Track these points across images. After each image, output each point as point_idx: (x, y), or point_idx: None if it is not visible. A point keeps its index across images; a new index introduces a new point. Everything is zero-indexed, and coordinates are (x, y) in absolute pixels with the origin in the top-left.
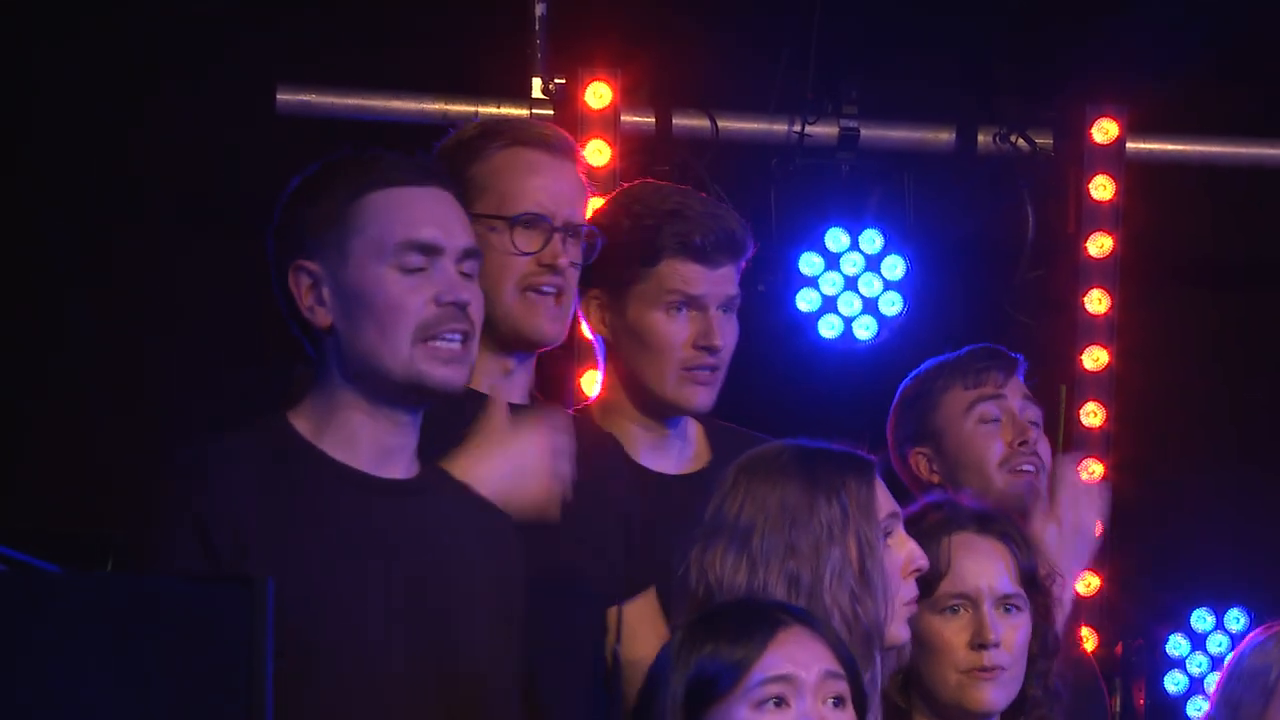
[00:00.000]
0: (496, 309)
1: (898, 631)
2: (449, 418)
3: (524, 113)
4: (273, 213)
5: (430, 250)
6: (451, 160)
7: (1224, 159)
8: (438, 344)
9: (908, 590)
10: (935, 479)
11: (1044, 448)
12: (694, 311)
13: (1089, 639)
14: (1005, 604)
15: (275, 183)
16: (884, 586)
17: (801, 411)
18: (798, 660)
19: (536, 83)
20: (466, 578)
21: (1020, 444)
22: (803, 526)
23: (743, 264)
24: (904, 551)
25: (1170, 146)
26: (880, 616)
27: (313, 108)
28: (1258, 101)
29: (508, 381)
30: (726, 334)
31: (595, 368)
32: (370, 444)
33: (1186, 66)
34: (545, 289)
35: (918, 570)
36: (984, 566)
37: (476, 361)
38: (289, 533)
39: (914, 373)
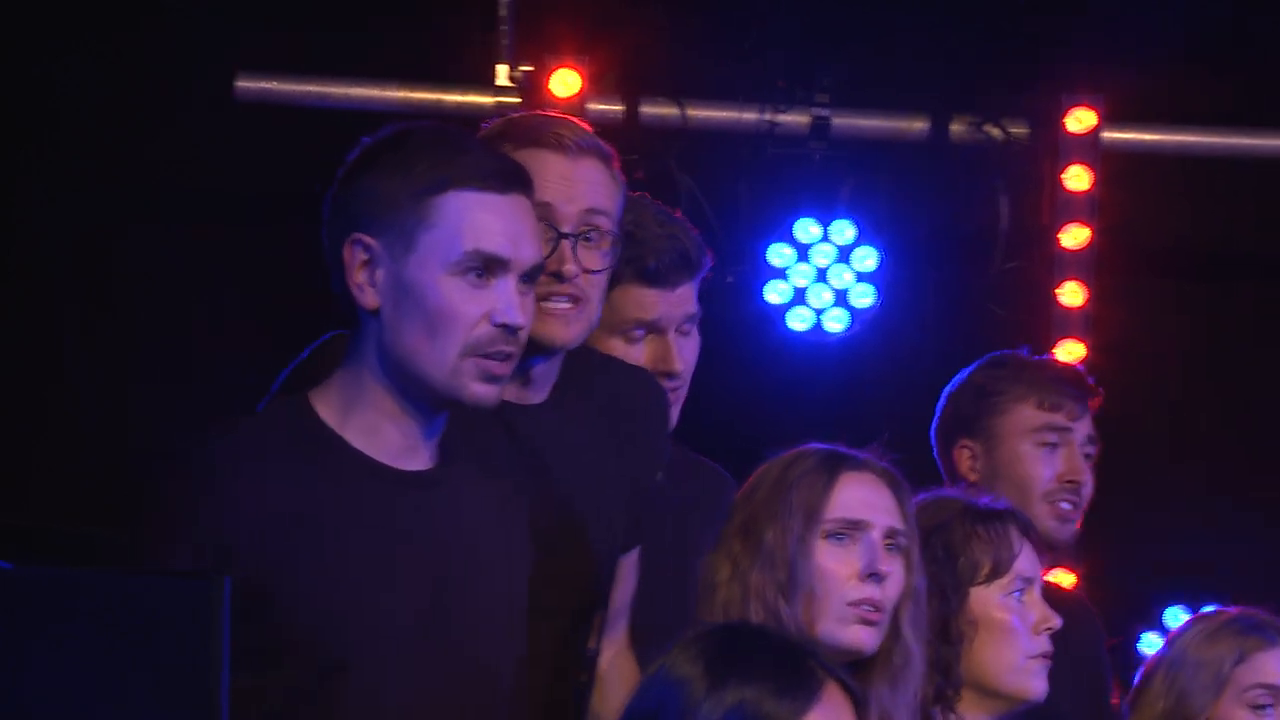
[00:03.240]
0: None
1: (841, 632)
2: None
3: (489, 101)
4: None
5: (497, 263)
6: None
7: (1201, 149)
8: (484, 361)
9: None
10: (973, 478)
11: (1090, 485)
12: (652, 336)
13: None
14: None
15: (234, 171)
16: (810, 584)
17: (770, 407)
18: None
19: (502, 70)
20: (487, 572)
21: (1069, 481)
22: (754, 516)
23: (700, 278)
24: (862, 556)
25: (1146, 136)
26: (798, 613)
27: (272, 95)
28: (1235, 91)
29: (529, 388)
30: (686, 355)
31: None
32: (395, 437)
33: (1163, 56)
34: (556, 300)
35: (875, 575)
36: (1033, 556)
37: None
38: (307, 525)
39: (986, 361)
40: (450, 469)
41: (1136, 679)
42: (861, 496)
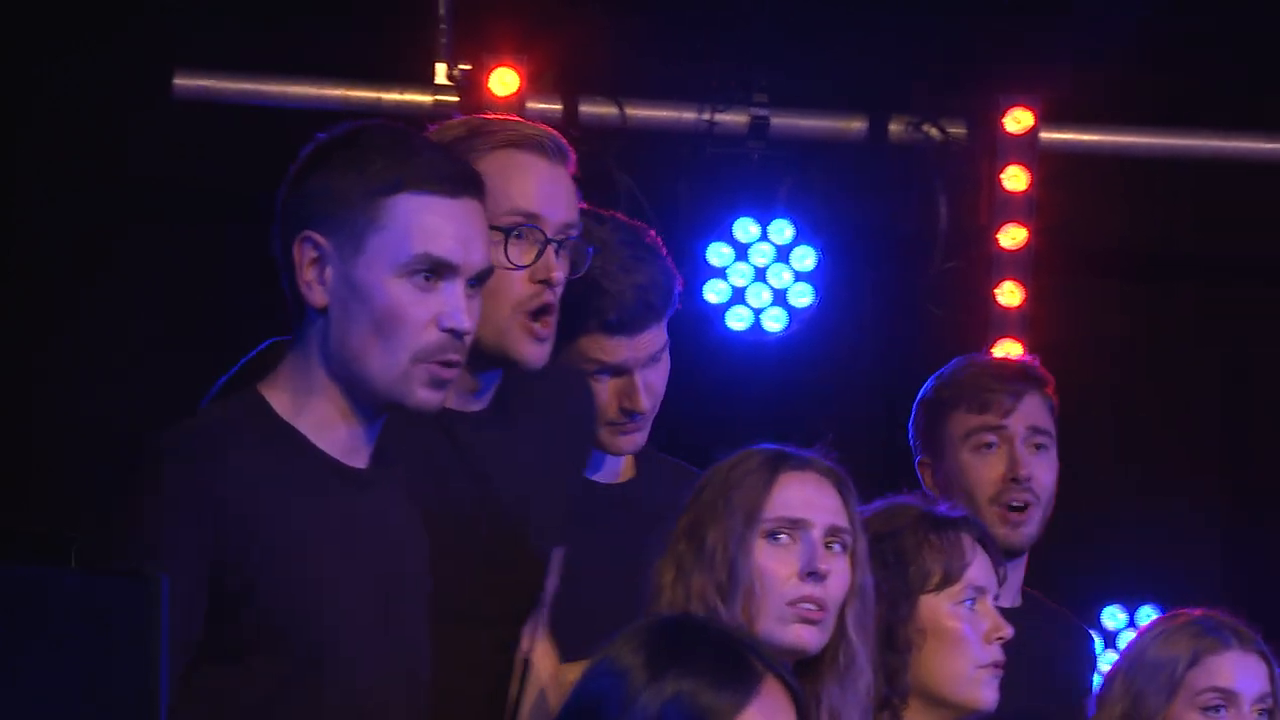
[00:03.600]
0: (485, 328)
1: (780, 631)
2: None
3: (428, 100)
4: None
5: (446, 268)
6: None
7: (1138, 149)
8: (434, 368)
9: (795, 590)
10: (935, 492)
11: (1046, 474)
12: (616, 378)
13: None
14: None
15: (173, 168)
16: (749, 583)
17: (709, 406)
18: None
19: (441, 69)
20: (414, 569)
21: (1013, 479)
22: (697, 517)
23: (669, 315)
24: (802, 555)
25: (1084, 137)
26: (737, 612)
27: (211, 93)
28: (1172, 92)
29: (474, 396)
30: (654, 385)
31: None
32: (344, 433)
33: (1101, 56)
34: (540, 309)
35: (815, 574)
36: (985, 565)
37: None
38: (290, 520)
39: (936, 374)
40: (381, 469)
41: (1101, 681)
42: (802, 496)
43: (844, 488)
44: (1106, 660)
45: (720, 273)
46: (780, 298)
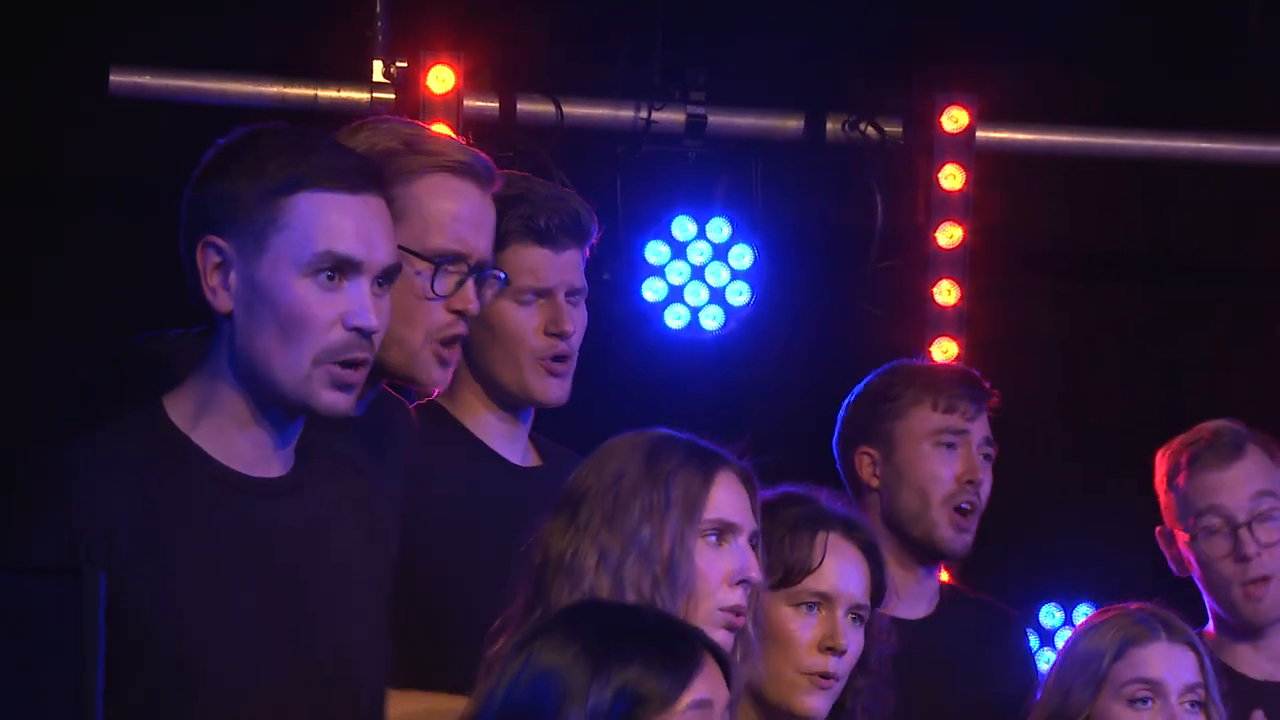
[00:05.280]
0: (395, 350)
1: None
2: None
3: (364, 97)
4: (187, 178)
5: (349, 265)
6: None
7: (1075, 149)
8: (335, 369)
9: (727, 596)
10: (874, 483)
11: (988, 485)
12: (542, 300)
13: None
14: (855, 614)
15: (108, 165)
16: (690, 584)
17: (647, 403)
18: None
19: (378, 65)
20: (341, 579)
21: (968, 482)
22: (624, 504)
23: (587, 250)
24: (734, 561)
25: (1021, 136)
26: (678, 612)
27: (147, 90)
28: (1109, 90)
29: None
30: (576, 321)
31: None
32: (247, 443)
33: (1038, 55)
34: (452, 339)
35: (745, 582)
36: (849, 572)
37: None
38: (160, 536)
39: (884, 369)
40: (304, 475)
41: (1043, 676)
42: (732, 499)
43: (755, 490)
44: (1044, 659)
45: (658, 271)
46: (718, 296)
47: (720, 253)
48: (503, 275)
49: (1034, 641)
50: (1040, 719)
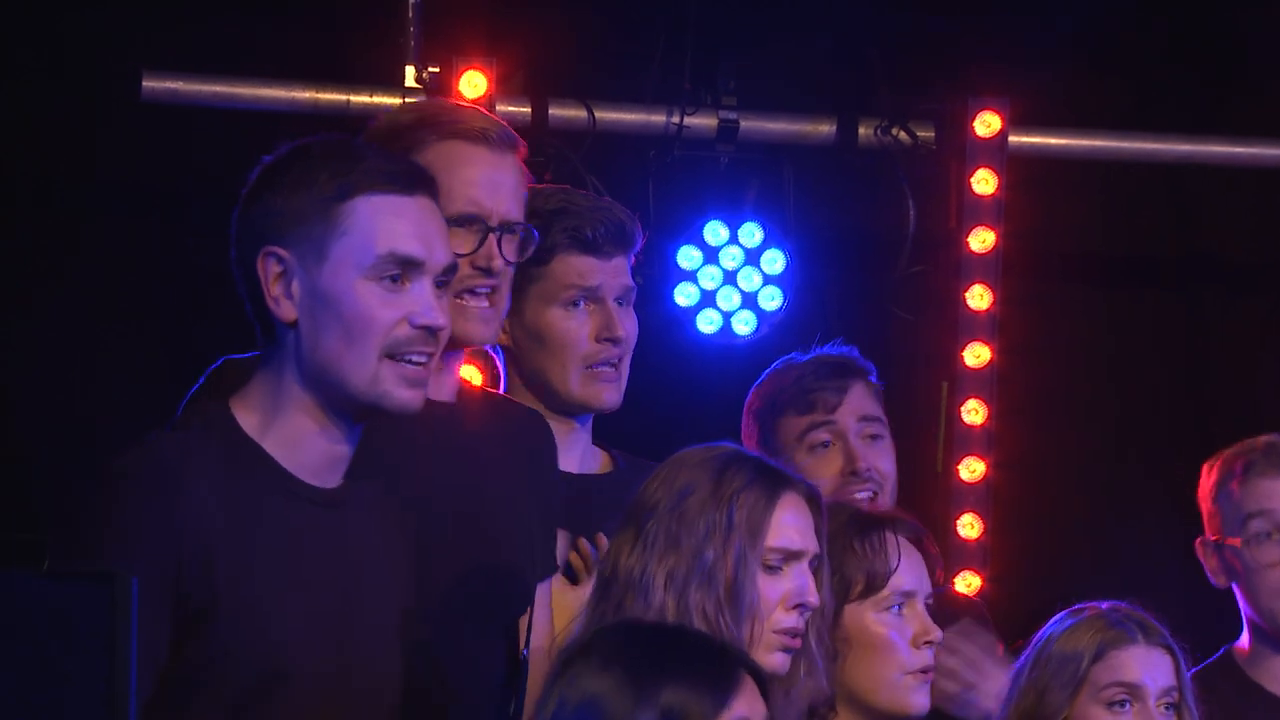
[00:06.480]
0: None
1: (765, 658)
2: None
3: (397, 102)
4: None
5: (412, 266)
6: (384, 147)
7: (1107, 153)
8: (404, 365)
9: (783, 619)
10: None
11: (884, 461)
12: (592, 304)
13: None
14: (927, 602)
15: (141, 170)
16: (753, 608)
17: (679, 408)
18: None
19: (410, 71)
20: (378, 598)
21: (851, 473)
22: (689, 523)
23: (633, 256)
24: (792, 584)
25: (1053, 140)
26: (742, 635)
27: (179, 95)
28: (1141, 94)
29: (434, 383)
30: (627, 325)
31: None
32: (314, 451)
33: (1070, 59)
34: (479, 289)
35: (802, 605)
36: (916, 565)
37: None
38: (244, 544)
39: (755, 383)
40: (354, 488)
41: (1010, 676)
42: (797, 523)
43: (820, 510)
44: None
45: (690, 276)
46: (750, 301)
47: (752, 258)
48: (536, 231)
49: None
50: (1014, 718)
